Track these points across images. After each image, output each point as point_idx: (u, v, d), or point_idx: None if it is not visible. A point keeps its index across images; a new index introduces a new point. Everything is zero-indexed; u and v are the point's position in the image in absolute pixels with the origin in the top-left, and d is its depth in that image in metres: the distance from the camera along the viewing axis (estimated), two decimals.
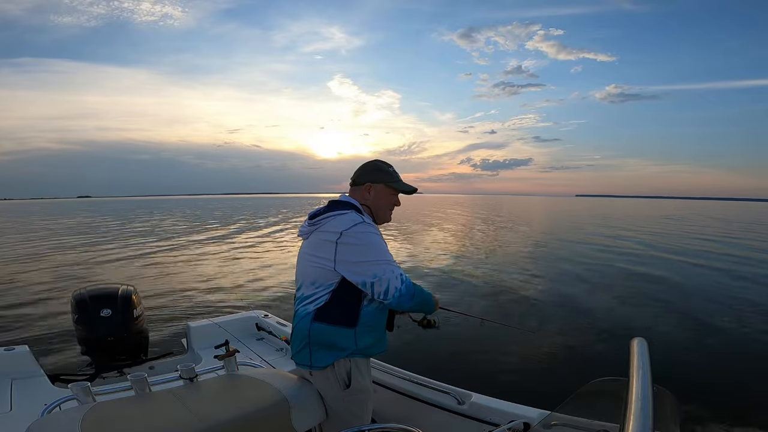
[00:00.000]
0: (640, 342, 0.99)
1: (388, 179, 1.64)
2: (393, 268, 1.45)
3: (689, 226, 26.85)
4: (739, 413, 3.41)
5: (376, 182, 1.63)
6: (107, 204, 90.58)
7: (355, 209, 1.56)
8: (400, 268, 1.47)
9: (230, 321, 3.10)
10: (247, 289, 8.01)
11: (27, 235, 19.88)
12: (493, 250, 13.51)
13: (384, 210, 1.67)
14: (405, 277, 1.47)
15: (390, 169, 1.67)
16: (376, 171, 1.65)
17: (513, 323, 5.71)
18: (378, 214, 1.65)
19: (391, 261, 1.46)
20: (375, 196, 1.63)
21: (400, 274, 1.46)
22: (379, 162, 1.69)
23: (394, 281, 1.43)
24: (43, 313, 6.26)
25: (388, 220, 1.69)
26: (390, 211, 1.70)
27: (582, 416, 1.18)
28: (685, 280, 9.03)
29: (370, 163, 1.68)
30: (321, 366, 1.47)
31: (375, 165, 1.67)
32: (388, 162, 1.70)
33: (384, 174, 1.64)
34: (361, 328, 1.48)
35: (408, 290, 1.46)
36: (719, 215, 43.69)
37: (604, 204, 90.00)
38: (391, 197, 1.66)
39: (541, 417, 1.59)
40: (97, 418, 1.16)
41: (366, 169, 1.66)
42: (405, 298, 1.46)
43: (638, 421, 0.73)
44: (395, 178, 1.66)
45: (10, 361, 2.28)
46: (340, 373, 1.47)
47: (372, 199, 1.63)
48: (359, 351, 1.48)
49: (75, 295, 2.76)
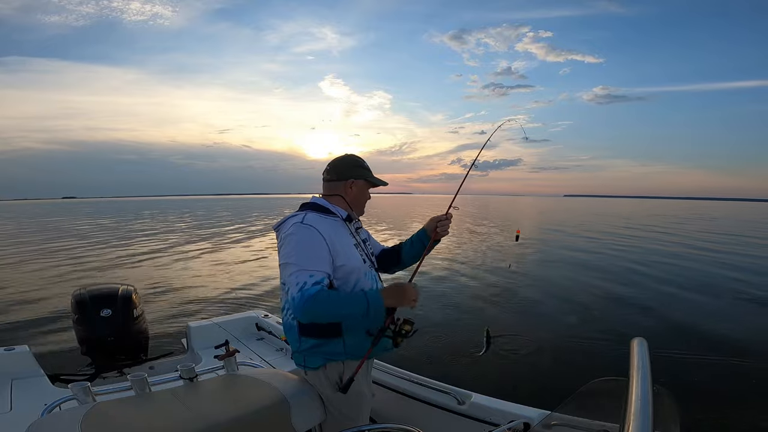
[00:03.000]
0: (640, 342, 0.99)
1: (368, 175, 1.64)
2: (299, 275, 1.31)
3: (690, 225, 26.85)
4: (739, 413, 3.41)
5: (358, 178, 1.61)
6: (91, 205, 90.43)
7: (318, 209, 1.53)
8: (315, 276, 1.31)
9: (230, 321, 3.10)
10: (247, 289, 8.01)
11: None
12: (489, 250, 13.51)
13: (362, 204, 1.67)
14: (307, 287, 1.29)
15: (365, 164, 1.66)
16: (358, 167, 1.63)
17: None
18: (358, 208, 1.64)
19: (305, 266, 1.32)
20: (357, 192, 1.62)
21: (304, 282, 1.29)
22: (355, 157, 1.66)
23: (293, 289, 1.30)
24: (43, 313, 6.26)
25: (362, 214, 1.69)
26: (363, 206, 1.69)
27: (582, 416, 1.18)
28: (685, 279, 9.03)
29: (347, 158, 1.65)
30: (313, 367, 1.48)
31: (354, 161, 1.64)
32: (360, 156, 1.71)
33: (364, 170, 1.64)
34: (349, 336, 1.44)
35: (301, 302, 1.27)
36: (702, 213, 43.68)
37: (594, 204, 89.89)
38: (368, 192, 1.67)
39: (541, 417, 1.59)
40: (97, 418, 1.16)
41: (347, 164, 1.63)
42: (297, 311, 1.30)
43: (638, 421, 0.73)
44: (371, 174, 1.66)
45: (10, 361, 2.28)
46: (332, 375, 1.46)
47: (354, 195, 1.61)
48: (351, 355, 1.46)
49: (75, 295, 2.76)
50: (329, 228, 1.47)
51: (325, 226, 1.46)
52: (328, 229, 1.46)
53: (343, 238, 1.51)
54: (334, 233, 1.47)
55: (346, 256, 1.46)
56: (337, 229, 1.51)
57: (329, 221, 1.51)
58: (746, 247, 15.25)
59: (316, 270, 1.33)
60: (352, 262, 1.47)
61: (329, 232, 1.44)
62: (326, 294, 1.31)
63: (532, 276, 9.31)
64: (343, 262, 1.44)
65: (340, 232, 1.51)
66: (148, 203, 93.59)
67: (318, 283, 1.31)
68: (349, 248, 1.50)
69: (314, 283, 1.31)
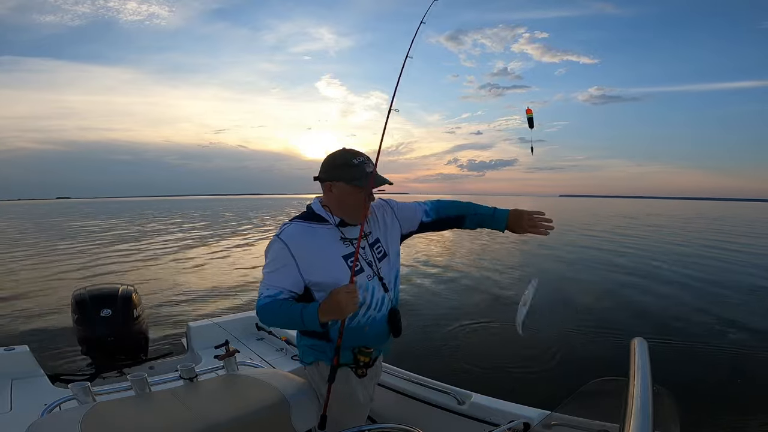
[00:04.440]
0: (640, 342, 0.99)
1: (348, 177, 1.37)
2: (261, 287, 1.39)
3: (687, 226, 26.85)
4: (740, 413, 3.41)
5: (337, 180, 1.39)
6: (88, 205, 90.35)
7: (309, 216, 1.45)
8: (270, 290, 1.37)
9: (230, 321, 3.10)
10: (247, 289, 8.01)
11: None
12: (485, 250, 13.51)
13: (351, 210, 1.42)
14: (260, 298, 1.37)
15: (354, 162, 1.38)
16: (339, 167, 1.39)
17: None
18: (345, 215, 1.43)
19: (266, 280, 1.39)
20: (339, 195, 1.40)
21: (260, 294, 1.38)
22: (342, 153, 1.42)
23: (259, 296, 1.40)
24: (43, 313, 6.27)
25: (360, 220, 1.43)
26: (360, 210, 1.42)
27: (582, 416, 1.18)
28: (686, 279, 9.03)
29: (331, 156, 1.43)
30: (307, 362, 1.53)
31: (335, 160, 1.41)
32: (356, 151, 1.43)
33: (344, 170, 1.38)
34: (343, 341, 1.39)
35: (259, 310, 1.38)
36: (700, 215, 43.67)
37: (590, 204, 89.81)
38: (358, 194, 1.38)
39: (541, 417, 1.59)
40: (97, 418, 1.16)
41: (328, 163, 1.42)
42: (260, 317, 1.40)
43: (638, 421, 0.73)
44: (358, 175, 1.37)
45: (10, 361, 2.28)
46: (323, 371, 1.45)
47: (336, 199, 1.41)
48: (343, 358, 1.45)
49: (75, 295, 2.76)
50: (309, 241, 1.40)
51: (304, 239, 1.39)
52: (308, 242, 1.39)
53: (327, 250, 1.41)
54: (313, 247, 1.39)
55: (325, 270, 1.38)
56: (322, 240, 1.41)
57: (316, 231, 1.42)
58: (749, 247, 15.24)
59: (273, 285, 1.38)
60: (331, 277, 1.37)
61: (306, 247, 1.38)
62: (270, 307, 1.35)
63: (532, 276, 9.29)
64: (320, 279, 1.38)
65: (324, 244, 1.41)
66: (144, 204, 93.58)
67: (269, 296, 1.36)
68: (331, 262, 1.39)
69: (266, 296, 1.36)
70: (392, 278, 1.53)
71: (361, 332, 1.44)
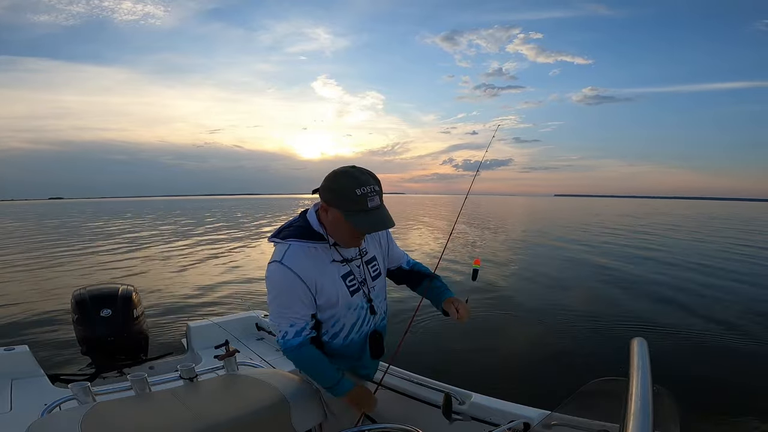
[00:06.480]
0: (640, 342, 0.99)
1: (346, 209, 1.23)
2: (280, 322, 1.35)
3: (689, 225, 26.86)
4: (739, 413, 3.41)
5: (333, 206, 1.27)
6: (83, 205, 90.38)
7: (306, 234, 1.34)
8: (296, 324, 1.33)
9: (230, 321, 3.10)
10: (246, 289, 8.01)
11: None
12: (488, 249, 13.51)
13: (343, 240, 1.35)
14: (288, 338, 1.34)
15: (357, 193, 1.20)
16: (334, 192, 1.25)
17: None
18: (338, 240, 1.36)
19: (283, 314, 1.34)
20: (333, 221, 1.30)
21: (285, 332, 1.34)
22: (347, 178, 1.23)
23: (277, 333, 1.39)
24: (43, 313, 6.27)
25: (351, 246, 1.39)
26: (353, 239, 1.35)
27: (582, 416, 1.17)
28: (686, 278, 9.04)
29: (335, 175, 1.26)
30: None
31: (337, 182, 1.25)
32: (366, 171, 1.26)
33: (343, 200, 1.23)
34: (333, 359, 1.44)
35: (284, 350, 1.38)
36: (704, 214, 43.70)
37: (585, 203, 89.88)
38: (353, 229, 1.28)
39: (541, 417, 1.59)
40: (97, 418, 1.16)
41: (327, 184, 1.27)
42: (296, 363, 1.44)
43: (638, 421, 0.73)
44: (357, 209, 1.21)
45: (10, 361, 2.28)
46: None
47: (330, 224, 1.32)
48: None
49: (75, 295, 2.76)
50: (312, 264, 1.33)
51: (307, 262, 1.32)
52: (311, 265, 1.33)
53: (326, 272, 1.36)
54: (315, 270, 1.33)
55: (328, 292, 1.36)
56: (322, 261, 1.36)
57: (317, 252, 1.35)
58: (745, 248, 15.23)
59: (294, 317, 1.34)
60: (332, 298, 1.37)
61: (311, 270, 1.32)
62: (306, 356, 1.37)
63: (532, 276, 9.30)
64: (323, 300, 1.37)
65: (323, 265, 1.36)
66: (140, 204, 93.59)
67: (299, 333, 1.35)
68: (331, 284, 1.36)
69: (295, 334, 1.35)
70: (382, 298, 1.56)
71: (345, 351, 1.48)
